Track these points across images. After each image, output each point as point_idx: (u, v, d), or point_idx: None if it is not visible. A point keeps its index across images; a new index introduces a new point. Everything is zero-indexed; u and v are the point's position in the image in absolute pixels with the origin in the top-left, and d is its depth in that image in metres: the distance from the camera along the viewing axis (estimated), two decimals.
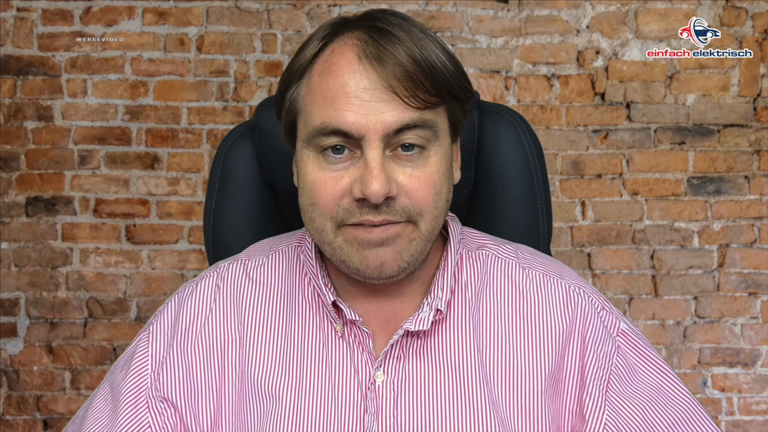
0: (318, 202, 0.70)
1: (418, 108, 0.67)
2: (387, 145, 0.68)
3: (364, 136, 0.67)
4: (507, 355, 0.74)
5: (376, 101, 0.66)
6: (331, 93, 0.68)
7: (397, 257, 0.70)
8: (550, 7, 2.22)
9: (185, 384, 0.76)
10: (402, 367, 0.74)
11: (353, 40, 0.69)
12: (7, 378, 2.21)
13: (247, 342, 0.77)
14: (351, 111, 0.66)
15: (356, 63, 0.67)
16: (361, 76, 0.67)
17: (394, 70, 0.66)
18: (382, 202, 0.67)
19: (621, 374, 0.75)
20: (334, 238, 0.71)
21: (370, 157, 0.67)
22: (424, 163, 0.69)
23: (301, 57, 0.72)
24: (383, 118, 0.66)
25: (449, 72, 0.69)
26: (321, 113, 0.68)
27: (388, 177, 0.67)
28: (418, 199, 0.69)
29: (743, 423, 2.22)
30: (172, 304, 0.81)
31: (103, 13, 2.21)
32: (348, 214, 0.69)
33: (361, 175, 0.67)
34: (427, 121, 0.68)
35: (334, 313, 0.76)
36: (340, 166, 0.69)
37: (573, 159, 2.22)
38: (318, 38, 0.71)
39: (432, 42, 0.69)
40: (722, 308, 2.23)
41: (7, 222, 2.21)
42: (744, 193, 2.22)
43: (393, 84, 0.66)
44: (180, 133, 2.22)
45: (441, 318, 0.76)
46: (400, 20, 0.70)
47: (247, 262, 0.82)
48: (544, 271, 0.80)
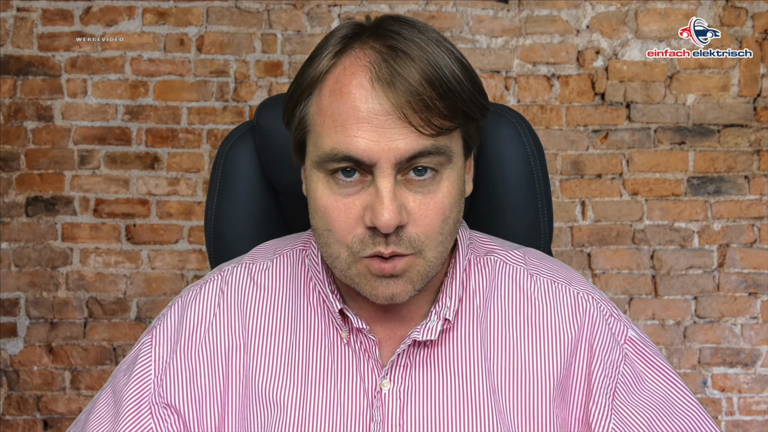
0: (333, 228, 0.68)
1: (431, 135, 0.65)
2: (399, 170, 0.66)
3: (376, 163, 0.65)
4: (514, 363, 0.74)
5: (388, 127, 0.64)
6: (342, 117, 0.65)
7: (408, 288, 0.70)
8: (550, 7, 2.22)
9: (189, 389, 0.75)
10: (408, 376, 0.73)
11: (365, 60, 0.66)
12: (7, 378, 2.21)
13: (251, 348, 0.76)
14: (362, 138, 0.64)
15: (368, 86, 0.64)
16: (373, 101, 0.64)
17: (407, 96, 0.63)
18: (392, 232, 0.66)
19: (628, 382, 0.74)
20: (347, 268, 0.70)
21: (382, 186, 0.65)
22: (436, 188, 0.67)
23: (311, 71, 0.69)
24: (395, 145, 0.64)
25: (465, 91, 0.66)
26: (332, 138, 0.66)
27: (399, 206, 0.65)
28: (425, 227, 0.68)
29: (743, 423, 2.22)
30: (176, 308, 0.80)
31: (103, 13, 2.21)
32: (362, 246, 0.67)
33: (373, 204, 0.65)
34: (440, 148, 0.66)
35: (340, 320, 0.75)
36: (351, 191, 0.67)
37: (573, 159, 2.22)
38: (329, 53, 0.68)
39: (447, 56, 0.66)
40: (722, 308, 2.23)
41: (7, 222, 2.21)
42: (744, 193, 2.22)
43: (406, 112, 0.63)
44: (180, 133, 2.22)
45: (449, 326, 0.75)
46: (414, 32, 0.67)
47: (252, 266, 0.81)
48: (553, 278, 0.79)
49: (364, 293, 0.71)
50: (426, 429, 0.71)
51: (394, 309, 0.76)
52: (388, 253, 0.67)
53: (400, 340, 0.75)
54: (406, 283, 0.69)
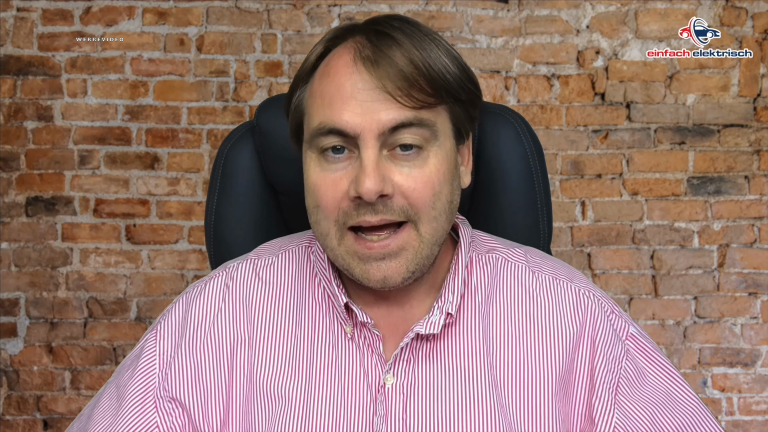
0: (321, 203, 0.70)
1: (413, 107, 0.68)
2: (384, 144, 0.68)
3: (359, 134, 0.67)
4: (517, 359, 0.74)
5: (371, 101, 0.67)
6: (329, 95, 0.69)
7: (402, 270, 0.70)
8: (550, 7, 2.22)
9: (194, 384, 0.76)
10: (412, 370, 0.74)
11: (353, 44, 0.70)
12: (7, 378, 2.21)
13: (255, 342, 0.77)
14: (346, 111, 0.68)
15: (351, 65, 0.69)
16: (356, 78, 0.68)
17: (387, 70, 0.67)
18: (377, 202, 0.67)
19: (630, 378, 0.75)
20: (337, 245, 0.71)
21: (365, 156, 0.67)
22: (422, 163, 0.69)
23: (307, 61, 0.74)
24: (378, 116, 0.67)
25: (450, 73, 0.69)
26: (320, 114, 0.70)
27: (383, 176, 0.67)
28: (415, 200, 0.69)
29: (743, 423, 2.22)
30: (181, 303, 0.81)
31: (103, 13, 2.21)
32: (347, 217, 0.69)
33: (357, 175, 0.68)
34: (423, 120, 0.68)
35: (344, 314, 0.76)
36: (339, 166, 0.70)
37: (573, 159, 2.22)
38: (322, 43, 0.74)
39: (437, 46, 0.70)
40: (722, 308, 2.23)
41: (7, 222, 2.21)
42: (744, 193, 2.22)
43: (386, 84, 0.67)
44: (180, 133, 2.22)
45: (451, 321, 0.76)
46: (404, 24, 0.71)
47: (257, 262, 0.82)
48: (554, 275, 0.80)
49: (356, 276, 0.71)
50: (429, 423, 0.72)
51: (398, 304, 0.76)
52: (377, 221, 0.68)
53: (403, 335, 0.76)
54: (400, 265, 0.70)
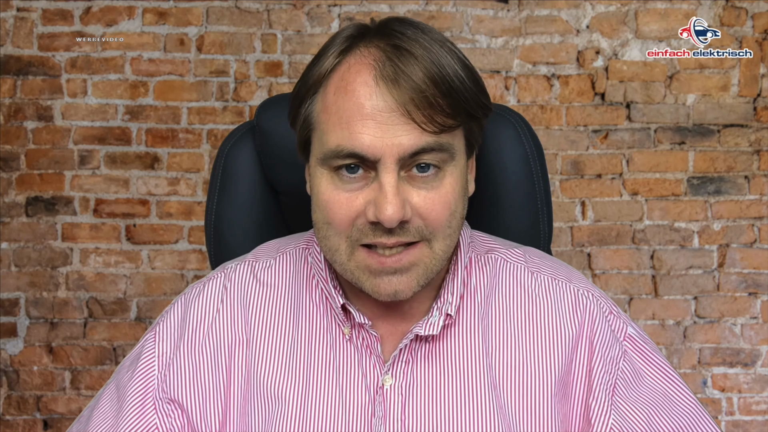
0: (333, 221, 0.69)
1: (434, 132, 0.66)
2: (402, 166, 0.67)
3: (380, 159, 0.66)
4: (516, 359, 0.74)
5: (392, 124, 0.65)
6: (347, 114, 0.66)
7: (413, 284, 0.70)
8: (550, 7, 2.22)
9: (193, 385, 0.76)
10: (410, 371, 0.74)
11: (369, 58, 0.67)
12: (7, 378, 2.21)
13: (254, 343, 0.77)
14: (366, 134, 0.65)
15: (373, 84, 0.66)
16: (377, 99, 0.66)
17: (411, 93, 0.65)
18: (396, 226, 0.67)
19: (627, 379, 0.75)
20: (347, 260, 0.70)
21: (385, 181, 0.66)
22: (439, 184, 0.69)
23: (317, 70, 0.70)
24: (399, 141, 0.65)
25: (468, 90, 0.68)
26: (336, 135, 0.67)
27: (403, 201, 0.66)
28: (432, 221, 0.69)
29: (743, 423, 2.22)
30: (179, 305, 0.81)
31: (103, 13, 2.21)
32: (362, 234, 0.69)
33: (376, 198, 0.66)
34: (443, 145, 0.67)
35: (342, 315, 0.76)
36: (354, 186, 0.68)
37: (573, 159, 2.22)
38: (334, 52, 0.69)
39: (450, 56, 0.68)
40: (722, 308, 2.23)
41: (7, 222, 2.21)
42: (744, 193, 2.22)
43: (410, 109, 0.65)
44: (180, 133, 2.22)
45: (450, 322, 0.76)
46: (418, 33, 0.68)
47: (255, 264, 0.82)
48: (553, 275, 0.80)
49: (366, 289, 0.71)
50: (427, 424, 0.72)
51: (396, 306, 0.76)
52: (392, 243, 0.68)
53: (401, 336, 0.76)
54: (411, 279, 0.70)
